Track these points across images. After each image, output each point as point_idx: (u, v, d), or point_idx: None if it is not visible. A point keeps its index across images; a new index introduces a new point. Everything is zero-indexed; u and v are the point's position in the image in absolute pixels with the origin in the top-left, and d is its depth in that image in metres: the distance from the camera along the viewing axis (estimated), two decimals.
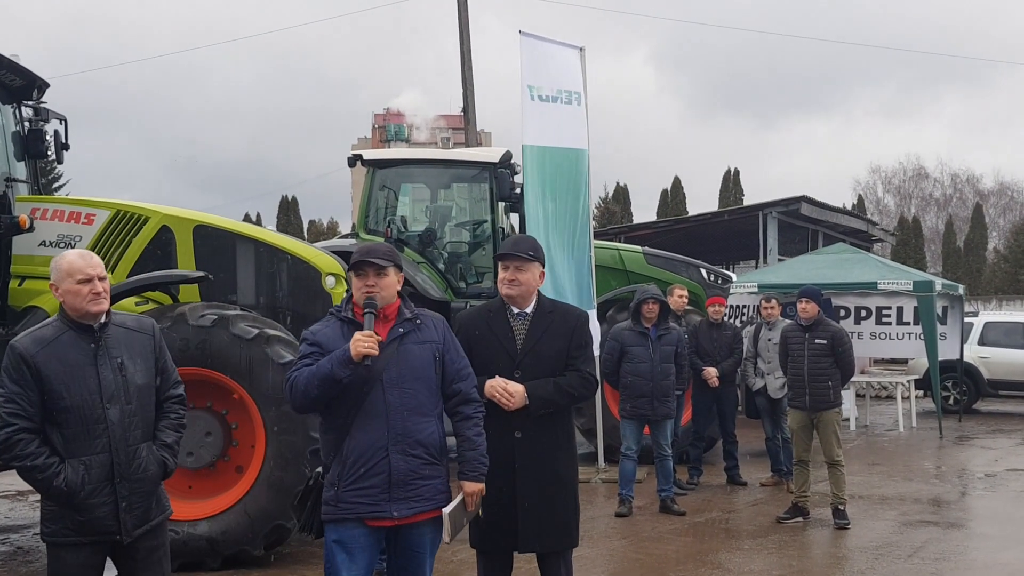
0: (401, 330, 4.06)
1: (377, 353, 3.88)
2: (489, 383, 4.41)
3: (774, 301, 10.41)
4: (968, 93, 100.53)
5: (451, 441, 4.18)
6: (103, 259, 7.19)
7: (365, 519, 3.94)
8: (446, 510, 4.03)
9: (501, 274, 4.58)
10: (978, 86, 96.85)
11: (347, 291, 4.19)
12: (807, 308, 8.36)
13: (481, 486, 4.18)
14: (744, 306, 14.16)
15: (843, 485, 8.35)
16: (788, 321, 9.61)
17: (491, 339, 4.52)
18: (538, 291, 4.65)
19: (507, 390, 4.40)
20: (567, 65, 10.62)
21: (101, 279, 3.96)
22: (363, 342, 3.84)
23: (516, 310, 4.58)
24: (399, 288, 4.12)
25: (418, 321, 4.11)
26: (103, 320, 3.97)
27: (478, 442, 4.16)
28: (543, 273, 4.65)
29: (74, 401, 3.84)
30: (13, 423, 3.79)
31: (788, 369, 8.58)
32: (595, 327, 9.66)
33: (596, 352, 8.67)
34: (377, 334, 3.93)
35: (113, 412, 3.90)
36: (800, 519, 8.50)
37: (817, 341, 8.31)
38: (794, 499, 8.61)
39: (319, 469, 4.22)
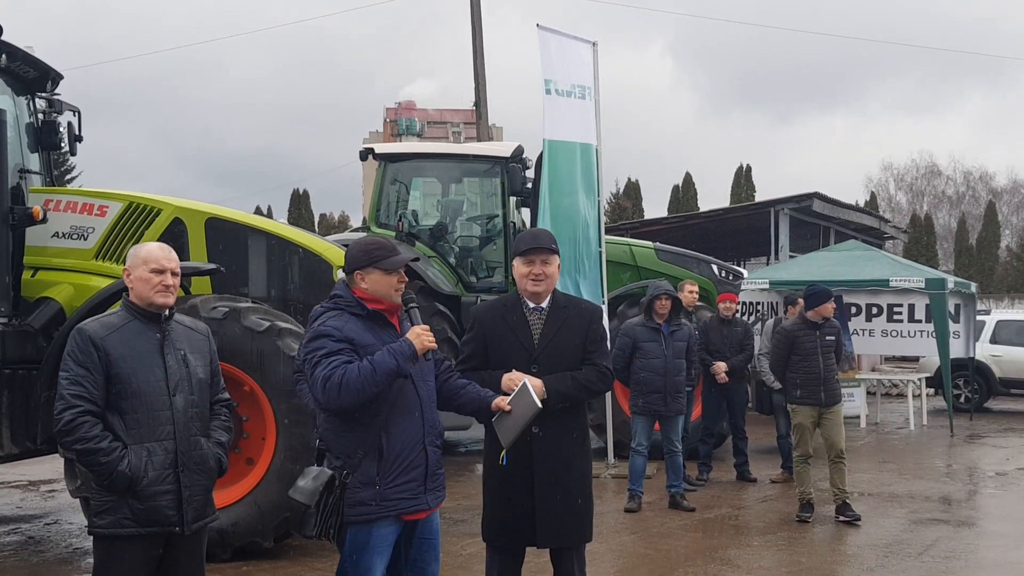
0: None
1: (436, 347, 3.96)
2: (507, 377, 4.35)
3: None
4: (986, 90, 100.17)
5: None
6: (115, 251, 7.31)
7: (404, 514, 3.94)
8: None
9: (525, 268, 4.46)
10: (996, 83, 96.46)
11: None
12: (827, 307, 8.46)
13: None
14: (758, 303, 14.13)
15: (845, 478, 8.43)
16: (792, 319, 9.59)
17: (507, 334, 4.47)
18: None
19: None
20: (579, 60, 10.64)
21: (174, 274, 4.02)
22: (428, 336, 3.91)
23: (532, 304, 4.51)
24: None
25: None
26: (167, 313, 4.03)
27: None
28: (559, 266, 4.62)
29: (140, 387, 3.86)
30: (77, 404, 3.78)
31: (793, 366, 8.50)
32: (605, 323, 9.66)
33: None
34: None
35: (178, 400, 3.94)
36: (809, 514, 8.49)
37: (828, 338, 8.46)
38: (802, 497, 8.57)
39: (342, 470, 3.92)
